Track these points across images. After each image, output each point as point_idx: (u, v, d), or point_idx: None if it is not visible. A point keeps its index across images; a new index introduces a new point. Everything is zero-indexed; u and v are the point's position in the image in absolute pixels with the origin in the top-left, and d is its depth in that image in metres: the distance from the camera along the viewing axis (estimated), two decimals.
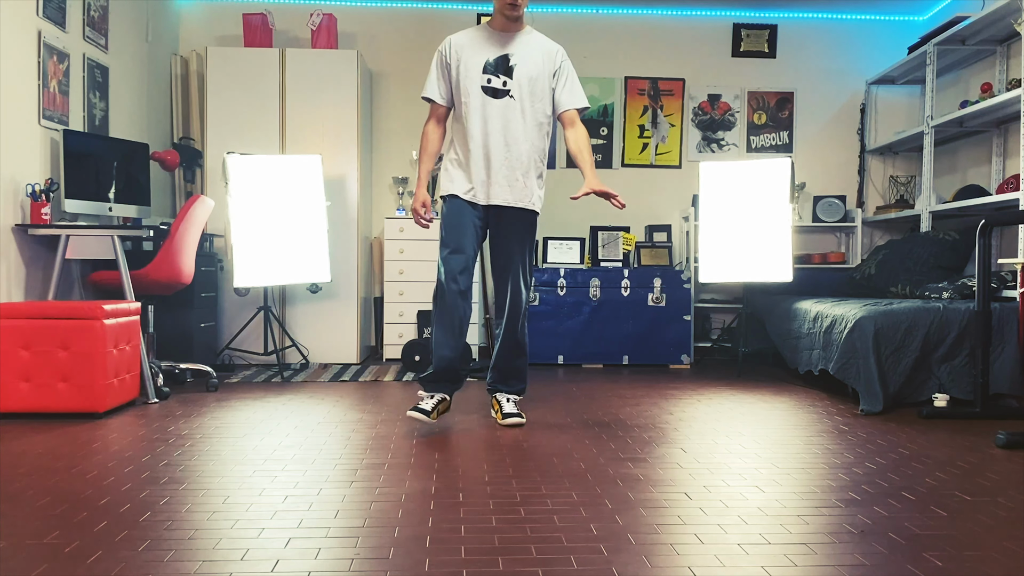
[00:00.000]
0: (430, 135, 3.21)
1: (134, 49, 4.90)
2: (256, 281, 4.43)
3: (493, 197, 3.13)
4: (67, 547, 1.80)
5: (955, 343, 3.65)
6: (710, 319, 5.69)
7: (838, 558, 1.77)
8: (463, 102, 3.12)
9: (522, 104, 3.11)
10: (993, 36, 4.67)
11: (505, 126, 3.09)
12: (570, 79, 3.19)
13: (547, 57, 3.16)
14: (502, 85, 3.09)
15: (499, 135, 3.09)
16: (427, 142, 3.21)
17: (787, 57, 5.81)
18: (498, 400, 3.27)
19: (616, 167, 5.80)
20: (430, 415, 3.04)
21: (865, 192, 5.85)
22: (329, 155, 4.98)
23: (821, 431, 3.15)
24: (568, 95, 3.19)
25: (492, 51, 3.12)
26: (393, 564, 1.72)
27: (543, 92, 3.15)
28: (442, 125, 3.23)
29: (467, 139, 3.11)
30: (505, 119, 3.09)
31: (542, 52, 3.15)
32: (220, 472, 2.46)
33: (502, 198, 3.13)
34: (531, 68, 3.12)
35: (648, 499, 2.21)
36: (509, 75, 3.10)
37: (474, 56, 3.12)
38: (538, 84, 3.13)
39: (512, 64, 3.10)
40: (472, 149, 3.11)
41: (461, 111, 3.15)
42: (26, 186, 3.74)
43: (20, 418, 3.28)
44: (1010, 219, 3.43)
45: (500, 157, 3.10)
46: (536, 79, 3.12)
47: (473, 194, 3.13)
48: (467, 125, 3.11)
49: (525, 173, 3.13)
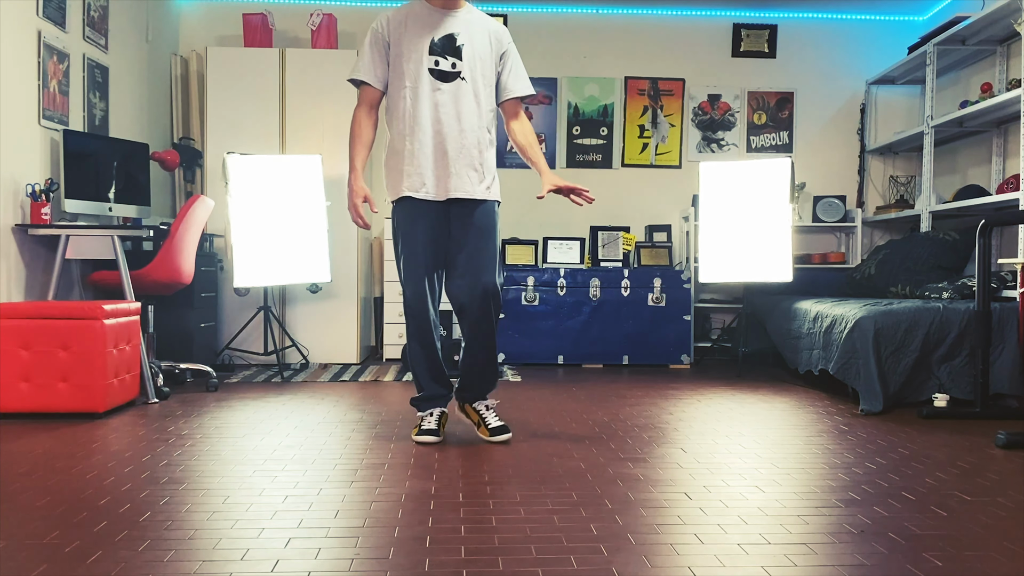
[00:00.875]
0: (363, 123, 2.85)
1: (134, 49, 4.90)
2: (256, 281, 4.43)
3: (453, 190, 2.80)
4: (67, 547, 1.80)
5: (955, 343, 3.65)
6: (710, 319, 5.69)
7: (838, 558, 1.77)
8: (406, 87, 2.78)
9: (475, 86, 2.81)
10: (993, 36, 4.67)
11: (459, 111, 2.79)
12: (516, 63, 2.92)
13: (494, 37, 2.87)
14: (451, 67, 2.78)
15: (453, 121, 2.78)
16: (360, 130, 2.84)
17: (787, 57, 5.81)
18: (477, 411, 2.96)
19: (616, 167, 5.80)
20: (438, 433, 2.88)
21: (865, 192, 5.85)
22: (329, 155, 4.98)
23: (821, 431, 3.15)
24: (515, 80, 2.91)
25: (435, 30, 2.80)
26: (393, 564, 1.72)
27: (490, 75, 2.86)
28: (375, 112, 2.89)
29: (414, 129, 2.78)
30: (458, 103, 2.78)
31: (487, 31, 2.87)
32: (220, 472, 2.46)
33: (464, 190, 2.81)
34: (479, 48, 2.83)
35: (648, 499, 2.21)
36: (457, 56, 2.79)
37: (417, 36, 2.79)
38: (487, 66, 2.85)
39: (459, 44, 2.80)
40: (421, 140, 2.78)
41: (400, 98, 2.81)
42: (26, 186, 3.74)
43: (20, 418, 3.28)
44: (1010, 219, 3.43)
45: (456, 145, 2.79)
46: (486, 60, 2.84)
47: (427, 191, 2.80)
48: (414, 112, 2.78)
49: (483, 162, 2.84)
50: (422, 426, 2.91)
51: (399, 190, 2.82)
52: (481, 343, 2.87)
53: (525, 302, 5.10)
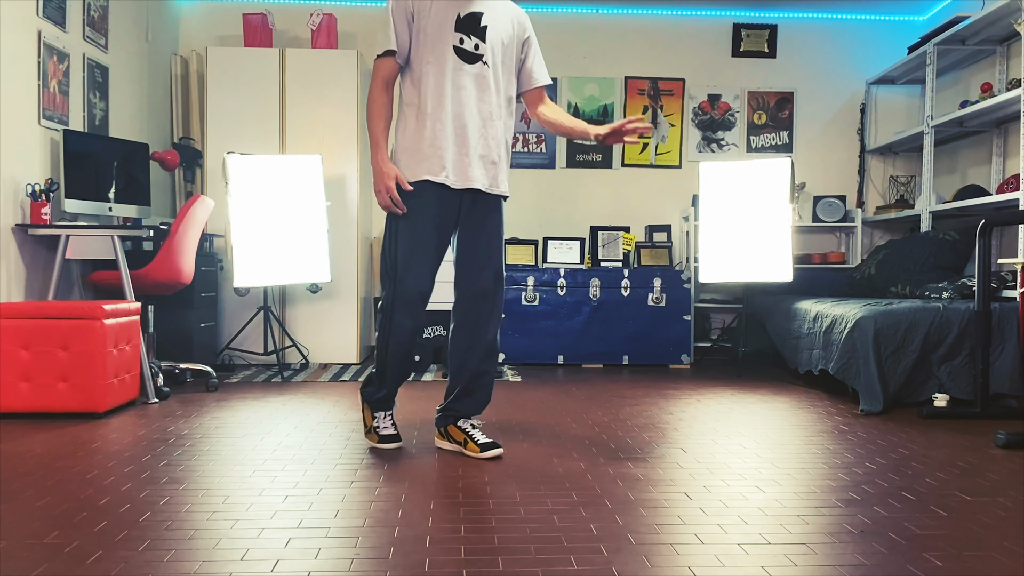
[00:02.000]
0: (381, 98, 2.61)
1: (134, 49, 4.90)
2: (256, 281, 4.43)
3: (471, 180, 2.61)
4: (67, 547, 1.80)
5: (955, 343, 3.65)
6: (710, 319, 5.69)
7: (838, 558, 1.77)
8: (427, 62, 2.57)
9: (495, 73, 2.63)
10: (993, 36, 4.67)
11: (480, 97, 2.60)
12: (538, 50, 2.77)
13: (517, 22, 2.69)
14: (474, 48, 2.58)
15: (474, 107, 2.59)
16: (379, 106, 2.60)
17: (787, 57, 5.81)
18: (462, 429, 2.72)
19: (616, 167, 5.80)
20: (399, 438, 2.79)
21: (865, 192, 5.85)
22: (329, 155, 4.98)
23: (821, 431, 3.15)
24: (539, 68, 2.75)
25: (460, 5, 2.59)
26: (393, 564, 1.72)
27: (511, 63, 2.69)
28: (392, 88, 2.65)
29: (437, 110, 2.57)
30: (480, 89, 2.60)
31: (511, 16, 2.68)
32: (220, 472, 2.46)
33: (481, 182, 2.63)
34: (502, 33, 2.64)
35: (648, 499, 2.21)
36: (481, 37, 2.59)
37: (444, 8, 2.57)
38: (508, 53, 2.66)
39: (483, 24, 2.59)
40: (444, 122, 2.57)
41: (421, 74, 2.59)
42: (26, 186, 3.74)
43: (20, 418, 3.28)
44: (1010, 219, 3.43)
45: (477, 133, 2.60)
46: (508, 47, 2.66)
47: (446, 176, 2.58)
48: (438, 92, 2.56)
49: (499, 156, 2.67)
50: (380, 431, 2.77)
51: (417, 172, 2.59)
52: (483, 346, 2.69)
53: (525, 302, 5.10)
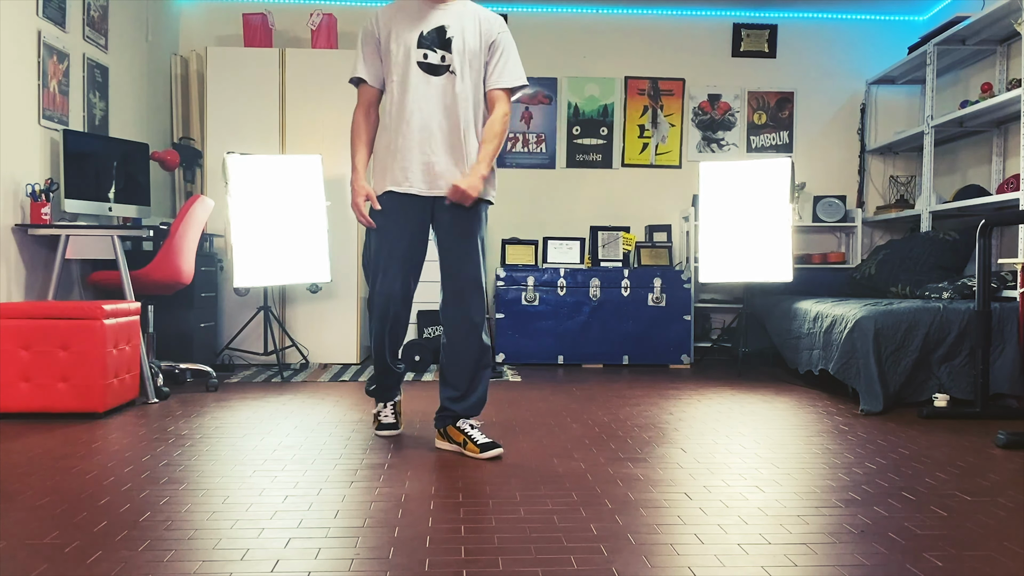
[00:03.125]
0: (362, 123, 2.83)
1: (134, 49, 4.90)
2: (256, 281, 4.43)
3: (440, 187, 2.73)
4: (67, 547, 1.80)
5: (955, 343, 3.65)
6: (710, 319, 5.69)
7: (838, 558, 1.77)
8: (395, 81, 2.74)
9: (463, 80, 2.73)
10: (993, 36, 4.67)
11: (448, 106, 2.71)
12: (506, 53, 2.79)
13: (484, 27, 2.78)
14: (440, 60, 2.71)
15: (441, 115, 2.71)
16: (359, 130, 2.82)
17: (787, 57, 5.81)
18: (461, 430, 2.75)
19: (616, 167, 5.80)
20: (397, 426, 3.02)
21: (865, 192, 5.85)
22: (329, 155, 4.98)
23: (821, 431, 3.15)
24: (499, 71, 2.78)
25: (426, 22, 2.73)
26: (393, 564, 1.72)
27: (480, 68, 2.78)
28: (374, 111, 2.85)
29: (399, 123, 2.73)
30: (446, 97, 2.71)
31: (478, 21, 2.77)
32: (220, 472, 2.46)
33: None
34: (469, 40, 2.74)
35: (648, 499, 2.21)
36: (447, 48, 2.72)
37: (407, 29, 2.73)
38: (476, 58, 2.76)
39: (449, 36, 2.72)
40: (406, 134, 2.72)
41: (388, 92, 2.78)
42: (26, 186, 3.74)
43: (20, 418, 3.28)
44: (1010, 219, 3.43)
45: (445, 142, 2.72)
46: (475, 52, 2.75)
47: (410, 185, 2.72)
48: (400, 106, 2.72)
49: (470, 158, 2.74)
50: (380, 419, 3.02)
51: (382, 184, 2.78)
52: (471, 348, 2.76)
53: (525, 302, 5.10)
